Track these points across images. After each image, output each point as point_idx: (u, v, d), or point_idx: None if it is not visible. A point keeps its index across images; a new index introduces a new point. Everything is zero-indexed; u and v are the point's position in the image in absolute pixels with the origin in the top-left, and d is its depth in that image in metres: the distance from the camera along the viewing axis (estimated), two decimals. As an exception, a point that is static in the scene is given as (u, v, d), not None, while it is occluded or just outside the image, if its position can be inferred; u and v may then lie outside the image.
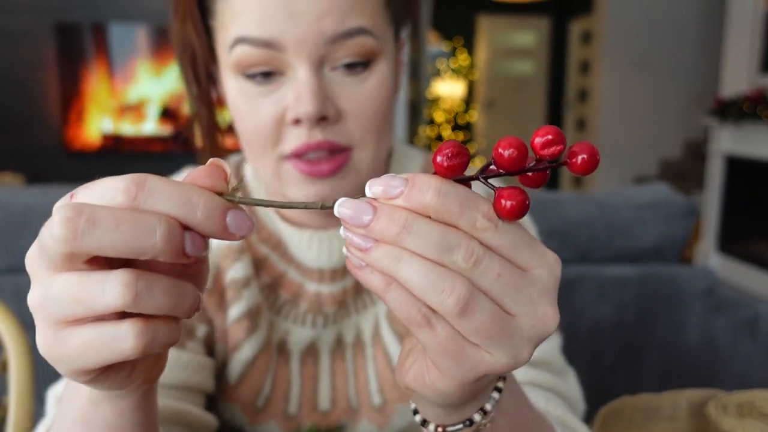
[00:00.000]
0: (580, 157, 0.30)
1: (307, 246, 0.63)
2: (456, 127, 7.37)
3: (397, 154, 0.70)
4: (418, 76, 5.48)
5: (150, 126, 4.43)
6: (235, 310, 0.63)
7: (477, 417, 0.37)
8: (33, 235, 1.25)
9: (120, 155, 4.42)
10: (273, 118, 0.54)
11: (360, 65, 0.54)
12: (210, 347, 0.65)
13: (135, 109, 4.40)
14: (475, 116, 7.48)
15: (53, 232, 0.27)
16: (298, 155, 0.55)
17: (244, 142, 0.58)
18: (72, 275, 0.28)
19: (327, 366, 0.66)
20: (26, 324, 1.24)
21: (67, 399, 0.38)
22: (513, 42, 7.54)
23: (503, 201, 0.30)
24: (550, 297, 0.31)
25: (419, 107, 6.35)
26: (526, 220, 0.73)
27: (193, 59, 0.59)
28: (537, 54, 7.52)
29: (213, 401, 0.67)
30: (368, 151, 0.57)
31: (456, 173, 0.30)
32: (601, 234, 1.35)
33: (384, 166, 0.64)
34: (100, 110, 4.32)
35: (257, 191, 0.67)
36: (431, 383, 0.33)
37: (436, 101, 7.28)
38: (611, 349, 1.37)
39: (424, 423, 0.39)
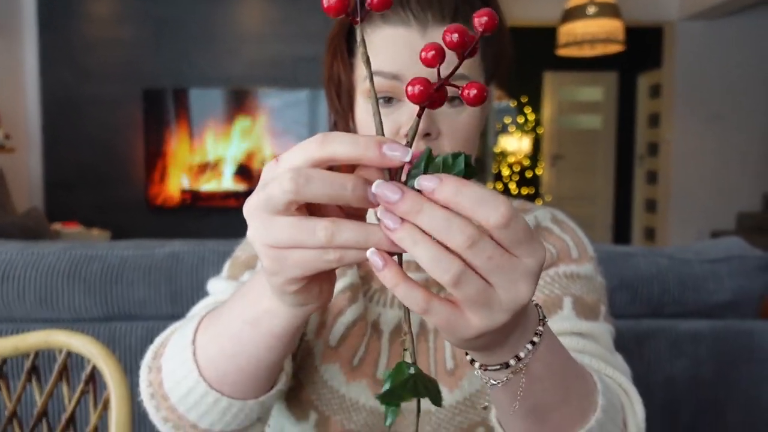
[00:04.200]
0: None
1: None
2: (522, 181, 7.36)
3: None
4: (485, 132, 5.54)
5: (226, 183, 4.64)
6: (340, 283, 0.78)
7: (512, 362, 0.46)
8: (126, 284, 1.34)
9: (197, 210, 4.63)
10: (390, 132, 0.71)
11: (458, 99, 0.71)
12: None
13: (212, 167, 4.63)
14: (541, 170, 7.46)
15: (283, 186, 0.38)
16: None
17: None
18: (290, 218, 0.39)
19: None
20: (124, 369, 1.32)
21: (241, 304, 0.53)
22: (580, 96, 7.53)
23: (467, 91, 0.38)
24: (530, 278, 0.39)
25: (486, 162, 6.38)
26: (594, 272, 0.76)
27: (338, 86, 0.78)
28: (604, 108, 7.49)
29: (307, 370, 0.79)
30: None
31: None
32: (673, 288, 1.34)
33: None
34: (180, 168, 4.56)
35: None
36: (446, 337, 0.42)
37: (502, 156, 7.31)
38: (688, 407, 1.34)
39: (472, 362, 0.49)
